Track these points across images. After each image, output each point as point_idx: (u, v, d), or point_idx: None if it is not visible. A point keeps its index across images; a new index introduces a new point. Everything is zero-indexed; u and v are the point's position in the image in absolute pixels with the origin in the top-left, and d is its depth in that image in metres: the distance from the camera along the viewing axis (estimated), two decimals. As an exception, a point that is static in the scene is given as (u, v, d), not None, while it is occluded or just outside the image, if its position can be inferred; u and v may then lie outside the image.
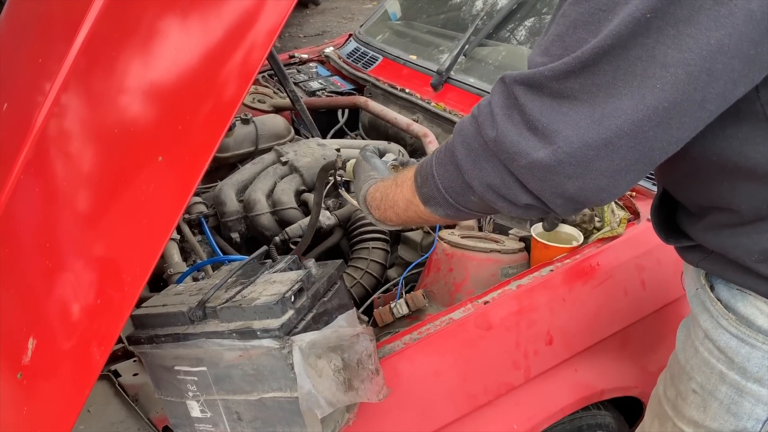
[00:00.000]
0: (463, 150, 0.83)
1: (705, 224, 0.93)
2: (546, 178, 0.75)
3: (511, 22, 2.30)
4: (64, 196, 1.07)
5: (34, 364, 0.97)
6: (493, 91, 0.80)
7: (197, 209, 1.81)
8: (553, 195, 0.77)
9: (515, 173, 0.78)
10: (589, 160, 0.72)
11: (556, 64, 0.71)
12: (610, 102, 0.69)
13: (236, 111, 0.88)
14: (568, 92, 0.71)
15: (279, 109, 2.45)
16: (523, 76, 0.75)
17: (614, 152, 0.72)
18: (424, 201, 0.94)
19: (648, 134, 0.70)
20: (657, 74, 0.67)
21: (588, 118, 0.70)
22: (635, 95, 0.68)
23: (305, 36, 6.96)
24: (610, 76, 0.69)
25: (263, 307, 0.96)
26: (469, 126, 0.83)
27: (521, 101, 0.74)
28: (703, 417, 1.03)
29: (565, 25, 0.72)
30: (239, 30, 0.94)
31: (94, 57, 1.12)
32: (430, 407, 1.19)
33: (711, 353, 0.99)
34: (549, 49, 0.73)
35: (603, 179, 0.74)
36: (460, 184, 0.86)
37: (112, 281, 0.94)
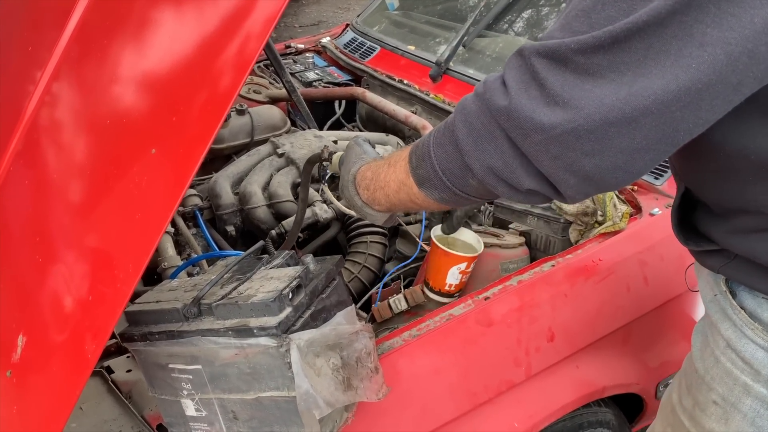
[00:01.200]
0: (465, 129, 0.80)
1: (731, 227, 0.89)
2: (561, 154, 0.71)
3: (510, 13, 2.28)
4: (55, 189, 1.05)
5: (23, 362, 0.95)
6: (508, 64, 0.76)
7: (192, 202, 1.78)
8: (567, 173, 0.72)
9: (527, 150, 0.73)
10: (610, 137, 0.69)
11: (583, 37, 0.67)
12: (639, 81, 0.66)
13: (232, 102, 0.85)
14: (594, 68, 0.67)
15: (275, 99, 2.42)
16: (545, 47, 0.70)
17: (636, 130, 0.68)
18: (419, 183, 0.90)
19: (675, 115, 0.67)
20: (693, 53, 0.64)
21: (613, 96, 0.67)
22: (667, 74, 0.65)
23: (301, 26, 6.92)
24: (641, 54, 0.65)
25: (260, 304, 0.94)
26: (471, 104, 0.79)
27: (542, 75, 0.70)
28: (724, 429, 0.99)
29: (591, 0, 0.68)
30: (236, 19, 0.92)
31: (86, 45, 1.09)
32: (430, 405, 1.17)
33: (734, 364, 0.94)
34: (571, 24, 0.69)
35: (621, 157, 0.70)
36: (459, 166, 0.82)
37: (105, 276, 0.92)
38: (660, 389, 1.53)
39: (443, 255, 1.37)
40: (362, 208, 1.05)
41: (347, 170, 1.08)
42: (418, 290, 1.45)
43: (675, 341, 1.51)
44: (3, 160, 1.12)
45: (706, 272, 1.01)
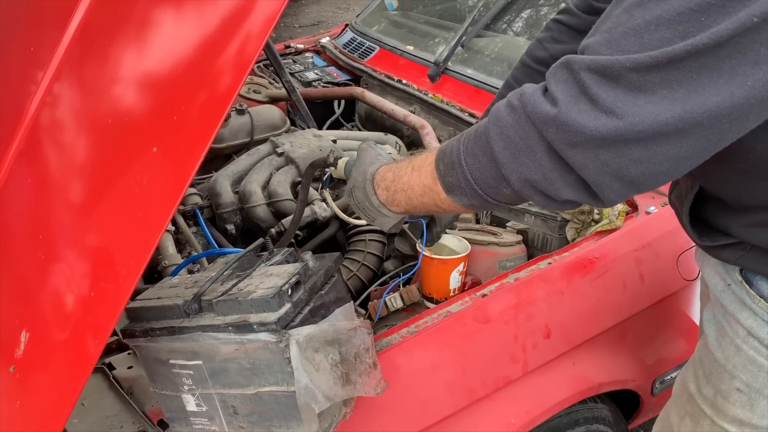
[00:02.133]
0: (501, 142, 0.80)
1: (750, 221, 0.91)
2: (610, 161, 0.72)
3: (509, 13, 2.29)
4: (57, 187, 1.06)
5: (27, 358, 0.96)
6: (554, 77, 0.76)
7: (192, 200, 1.79)
8: (612, 179, 0.74)
9: (574, 160, 0.74)
10: (659, 146, 0.70)
11: (638, 56, 0.68)
12: (693, 97, 0.67)
13: (232, 102, 0.86)
14: (647, 85, 0.68)
15: (275, 99, 2.43)
16: (597, 63, 0.71)
17: (685, 140, 0.70)
18: (448, 190, 0.90)
19: (724, 126, 0.69)
20: (748, 72, 0.66)
21: (668, 112, 0.68)
22: (722, 92, 0.67)
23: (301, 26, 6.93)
24: (695, 73, 0.67)
25: (260, 300, 0.95)
26: (508, 117, 0.80)
27: (593, 90, 0.71)
28: (750, 415, 1.02)
29: (644, 20, 0.69)
30: (236, 19, 0.93)
31: (88, 45, 1.10)
32: (427, 401, 1.18)
33: (758, 352, 0.98)
34: (619, 41, 0.70)
35: (666, 164, 0.72)
36: (494, 177, 0.83)
37: (107, 273, 0.93)
38: (656, 386, 1.54)
39: (441, 264, 1.39)
40: (378, 209, 1.05)
41: (362, 171, 1.07)
42: (414, 289, 1.46)
43: (671, 338, 1.53)
44: (5, 159, 1.13)
45: (714, 262, 1.03)
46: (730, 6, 0.64)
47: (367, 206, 1.06)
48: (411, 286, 1.49)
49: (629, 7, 0.71)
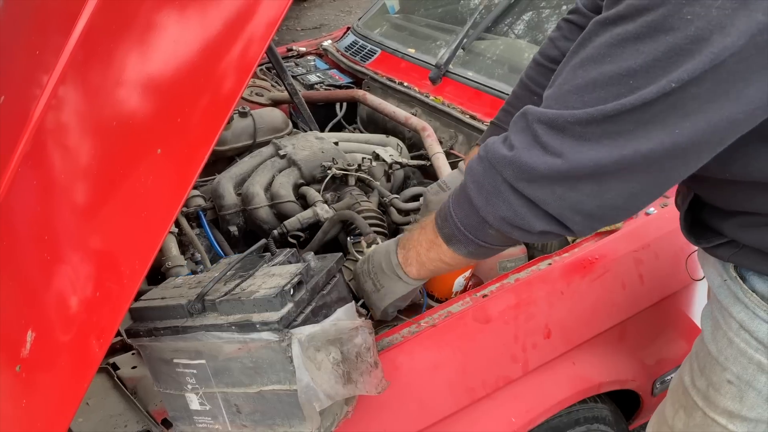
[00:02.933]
0: (475, 188, 0.91)
1: (739, 222, 0.97)
2: (565, 195, 0.81)
3: (510, 16, 2.30)
4: (62, 189, 1.07)
5: (32, 357, 0.97)
6: (514, 126, 0.86)
7: (195, 202, 1.80)
8: (572, 212, 0.83)
9: (534, 195, 0.83)
10: (607, 181, 0.79)
11: (578, 112, 0.77)
12: (629, 144, 0.75)
13: (235, 104, 0.88)
14: (589, 136, 0.77)
15: (277, 102, 2.44)
16: (545, 116, 0.80)
17: (631, 176, 0.78)
18: (447, 240, 1.01)
19: (665, 165, 0.77)
20: (678, 123, 0.72)
21: (607, 157, 0.76)
22: (654, 140, 0.74)
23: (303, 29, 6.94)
24: (631, 126, 0.74)
25: (262, 300, 0.96)
26: (477, 166, 0.91)
27: (543, 138, 0.80)
28: (739, 407, 1.06)
29: (584, 80, 0.77)
30: (238, 23, 0.94)
31: (92, 49, 1.11)
32: (428, 400, 1.19)
33: (748, 344, 1.01)
34: (566, 98, 0.79)
35: (619, 199, 0.81)
36: (477, 220, 0.93)
37: (111, 274, 0.94)
38: (657, 386, 1.55)
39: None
40: (394, 269, 1.15)
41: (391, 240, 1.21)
42: None
43: (672, 339, 1.53)
44: (11, 161, 1.14)
45: (713, 260, 1.07)
46: (653, 72, 0.71)
47: (381, 269, 1.17)
48: None
49: (574, 67, 0.80)
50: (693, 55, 0.68)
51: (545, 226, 0.86)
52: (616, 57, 0.74)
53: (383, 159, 1.92)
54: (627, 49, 0.73)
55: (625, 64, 0.73)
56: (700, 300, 1.50)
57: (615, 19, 0.74)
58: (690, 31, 0.68)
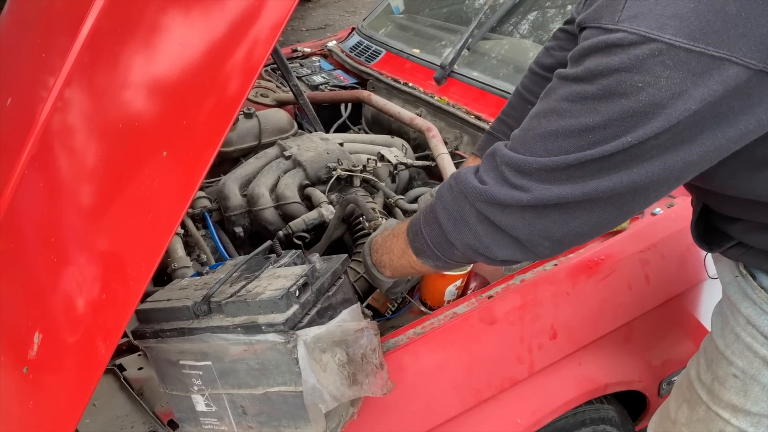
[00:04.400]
0: (444, 214, 0.97)
1: (746, 226, 1.00)
2: (535, 222, 0.86)
3: (515, 16, 2.29)
4: (68, 191, 1.08)
5: (40, 359, 0.97)
6: (484, 165, 0.92)
7: (201, 204, 1.81)
8: (541, 238, 0.88)
9: (505, 223, 0.89)
10: (572, 211, 0.84)
11: (543, 160, 0.82)
12: (591, 183, 0.80)
13: (241, 106, 0.88)
14: (553, 179, 0.83)
15: (282, 103, 2.44)
16: (512, 160, 0.86)
17: (595, 207, 0.83)
18: (417, 253, 1.07)
19: (626, 199, 0.82)
20: (636, 165, 0.77)
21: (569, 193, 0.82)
22: (614, 179, 0.79)
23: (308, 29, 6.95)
24: (594, 171, 0.80)
25: (268, 301, 0.96)
26: (447, 194, 0.97)
27: (511, 180, 0.86)
28: (743, 401, 1.07)
29: (546, 130, 0.82)
30: (243, 25, 0.94)
31: (98, 52, 1.12)
32: (434, 401, 1.19)
33: (755, 338, 1.04)
34: (531, 145, 0.85)
35: (586, 227, 0.86)
36: (445, 242, 0.99)
37: (118, 275, 0.94)
38: (663, 387, 1.54)
39: (439, 277, 1.39)
40: (370, 269, 1.22)
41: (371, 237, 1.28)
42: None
43: (678, 340, 1.53)
44: (18, 163, 1.15)
45: (724, 257, 1.10)
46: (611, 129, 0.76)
47: (367, 265, 1.24)
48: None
49: (539, 116, 0.85)
50: (648, 116, 0.73)
51: (508, 255, 0.92)
52: (575, 113, 0.79)
53: (388, 160, 1.92)
54: (585, 106, 0.77)
55: (584, 120, 0.78)
56: (707, 300, 1.50)
57: (575, 78, 0.79)
58: (642, 97, 0.73)
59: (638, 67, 0.72)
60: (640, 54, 0.71)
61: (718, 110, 0.72)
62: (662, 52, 0.70)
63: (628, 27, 0.72)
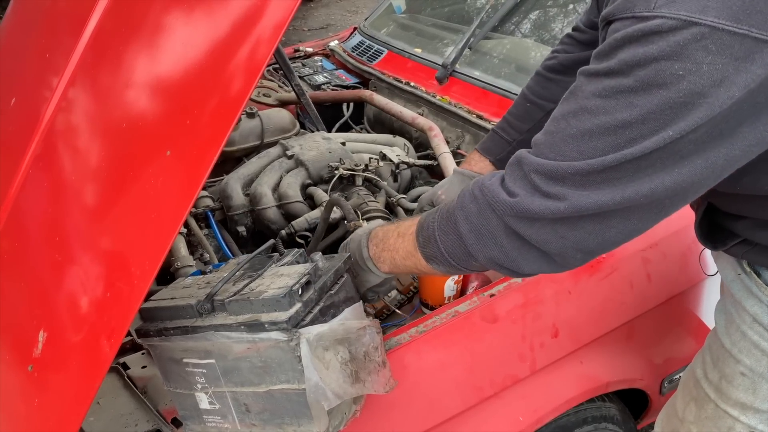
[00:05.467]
0: (467, 225, 0.91)
1: (752, 223, 0.99)
2: (567, 234, 0.82)
3: (516, 15, 2.30)
4: (72, 190, 1.08)
5: (44, 357, 0.98)
6: (510, 174, 0.87)
7: (204, 203, 1.81)
8: (574, 251, 0.84)
9: (534, 237, 0.84)
10: (608, 220, 0.79)
11: (578, 164, 0.77)
12: (630, 186, 0.76)
13: (244, 106, 0.88)
14: (590, 184, 0.78)
15: (284, 102, 2.45)
16: (543, 167, 0.81)
17: (630, 215, 0.79)
18: (427, 258, 1.01)
19: (665, 203, 0.78)
20: (677, 164, 0.74)
21: (608, 199, 0.77)
22: (655, 181, 0.75)
23: (310, 29, 6.96)
24: (631, 172, 0.75)
25: (271, 300, 0.97)
26: (471, 205, 0.91)
27: (543, 188, 0.81)
28: (752, 399, 1.08)
29: (579, 130, 0.78)
30: (246, 25, 0.95)
31: (102, 52, 1.12)
32: (436, 399, 1.19)
33: (762, 336, 1.04)
34: (561, 147, 0.80)
35: (620, 236, 0.82)
36: (464, 253, 0.94)
37: (122, 274, 0.95)
38: (665, 385, 1.55)
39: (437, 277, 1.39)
40: (365, 262, 1.14)
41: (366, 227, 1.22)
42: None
43: (680, 337, 1.53)
44: (22, 163, 1.15)
45: (725, 254, 1.10)
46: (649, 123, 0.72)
47: (355, 258, 1.16)
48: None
49: (566, 116, 0.80)
50: (688, 107, 0.70)
51: (535, 269, 0.88)
52: (610, 109, 0.75)
53: (390, 159, 1.93)
54: (620, 101, 0.74)
55: (620, 116, 0.74)
56: (709, 298, 1.50)
57: (608, 73, 0.75)
58: (683, 86, 0.69)
59: (679, 53, 0.68)
60: (681, 39, 0.67)
61: (756, 99, 0.69)
62: (705, 36, 0.67)
63: (666, 12, 0.68)
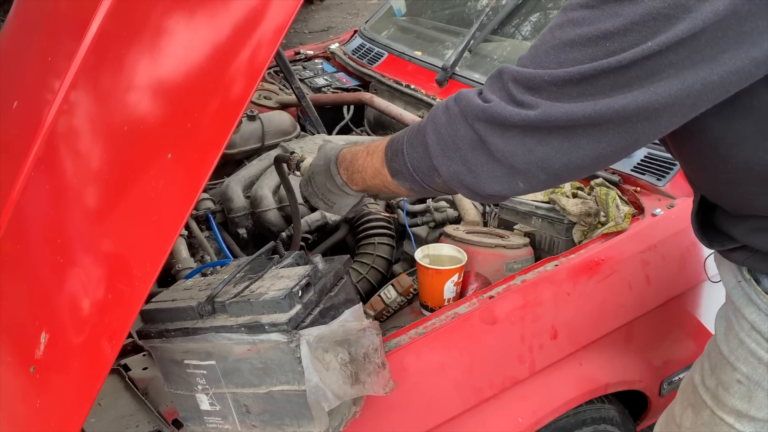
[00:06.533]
0: (434, 136, 0.89)
1: (750, 226, 0.97)
2: (535, 148, 0.80)
3: (516, 18, 2.30)
4: (74, 193, 1.09)
5: (46, 358, 0.98)
6: (489, 84, 0.85)
7: (204, 205, 1.82)
8: (538, 169, 0.81)
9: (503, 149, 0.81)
10: (578, 137, 0.78)
11: (556, 71, 0.76)
12: (603, 101, 0.75)
13: (245, 108, 0.89)
14: (565, 96, 0.77)
15: (285, 105, 2.46)
16: (521, 75, 0.80)
17: (602, 135, 0.77)
18: (392, 173, 0.99)
19: (636, 126, 0.76)
20: (652, 82, 0.72)
21: (580, 111, 0.76)
22: (628, 97, 0.74)
23: (310, 32, 6.97)
24: (607, 86, 0.74)
25: (271, 301, 0.97)
26: (442, 115, 0.89)
27: (518, 97, 0.80)
28: (747, 407, 1.07)
29: (561, 41, 0.77)
30: (247, 28, 0.95)
31: (103, 55, 1.13)
32: (436, 400, 1.20)
33: (759, 344, 1.02)
34: (541, 58, 0.79)
35: (588, 160, 0.80)
36: (428, 167, 0.91)
37: (123, 276, 0.95)
38: (664, 387, 1.55)
39: (435, 274, 1.40)
40: (341, 188, 1.12)
41: (324, 155, 1.15)
42: (405, 276, 1.48)
43: (679, 340, 1.54)
44: (24, 166, 1.16)
45: (728, 261, 1.08)
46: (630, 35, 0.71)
47: (327, 189, 1.13)
48: (402, 275, 1.52)
49: (552, 28, 0.80)
50: (671, 20, 0.69)
51: (496, 189, 0.86)
52: (594, 19, 0.74)
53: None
54: (606, 11, 0.73)
55: (602, 25, 0.73)
56: (708, 301, 1.50)
57: None
58: None
59: None
60: None
61: (743, 28, 0.69)
62: None
63: None
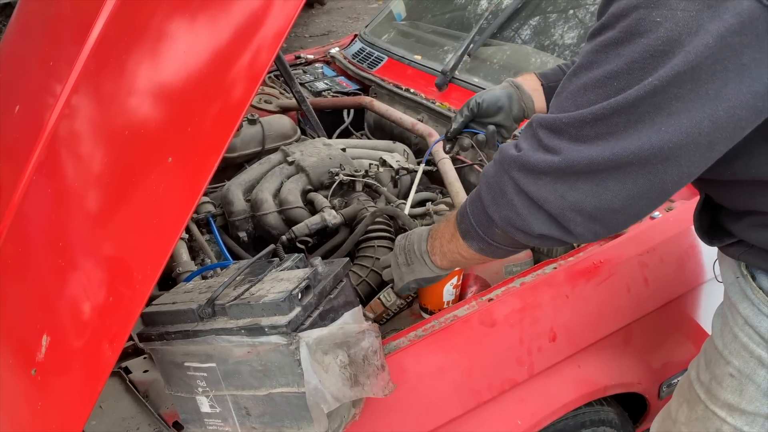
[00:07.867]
0: (485, 188, 0.97)
1: (747, 222, 1.00)
2: (566, 194, 0.85)
3: (516, 22, 2.31)
4: (75, 197, 1.09)
5: (47, 361, 0.99)
6: (523, 134, 0.93)
7: (205, 209, 1.82)
8: (572, 212, 0.86)
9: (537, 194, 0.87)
10: (603, 181, 0.83)
11: (574, 113, 0.83)
12: (620, 143, 0.80)
13: (245, 112, 0.89)
14: (584, 137, 0.82)
15: (285, 109, 2.47)
16: (545, 121, 0.87)
17: (626, 177, 0.82)
18: (463, 235, 1.08)
19: (657, 167, 0.80)
20: (663, 121, 0.77)
21: (599, 155, 0.81)
22: (642, 137, 0.78)
23: (311, 36, 6.98)
24: (622, 126, 0.79)
25: (271, 304, 0.98)
26: (490, 168, 0.97)
27: (545, 141, 0.86)
28: (738, 400, 1.09)
29: (576, 86, 0.84)
30: (247, 32, 0.96)
31: (105, 59, 1.13)
32: (434, 403, 1.20)
33: (751, 338, 1.05)
34: (563, 104, 0.86)
35: (617, 201, 0.84)
36: (486, 218, 0.99)
37: (124, 279, 0.96)
38: (663, 389, 1.55)
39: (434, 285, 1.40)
40: (422, 255, 1.21)
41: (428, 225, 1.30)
42: None
43: (678, 342, 1.54)
44: (26, 170, 1.16)
45: (728, 258, 1.11)
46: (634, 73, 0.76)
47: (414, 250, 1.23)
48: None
49: (570, 76, 0.86)
50: (668, 55, 0.74)
51: (544, 230, 0.90)
52: (601, 62, 0.80)
53: (390, 165, 1.94)
54: (610, 53, 0.79)
55: (609, 67, 0.79)
56: (706, 303, 1.51)
57: (600, 29, 0.81)
58: (661, 33, 0.73)
59: (656, 1, 0.73)
60: None
61: (741, 61, 0.72)
62: None
63: None
